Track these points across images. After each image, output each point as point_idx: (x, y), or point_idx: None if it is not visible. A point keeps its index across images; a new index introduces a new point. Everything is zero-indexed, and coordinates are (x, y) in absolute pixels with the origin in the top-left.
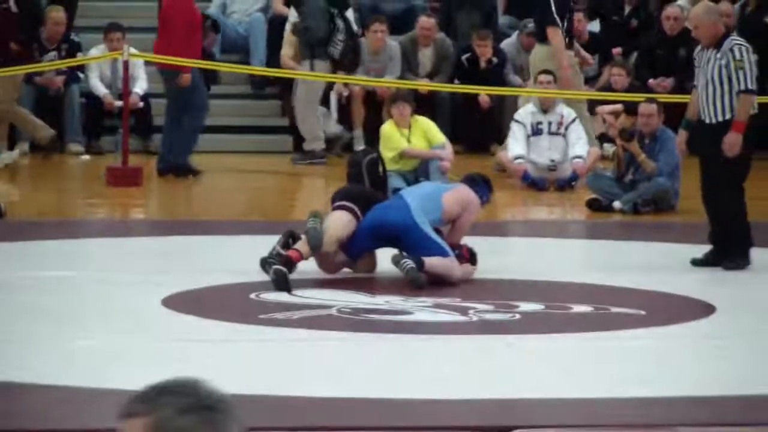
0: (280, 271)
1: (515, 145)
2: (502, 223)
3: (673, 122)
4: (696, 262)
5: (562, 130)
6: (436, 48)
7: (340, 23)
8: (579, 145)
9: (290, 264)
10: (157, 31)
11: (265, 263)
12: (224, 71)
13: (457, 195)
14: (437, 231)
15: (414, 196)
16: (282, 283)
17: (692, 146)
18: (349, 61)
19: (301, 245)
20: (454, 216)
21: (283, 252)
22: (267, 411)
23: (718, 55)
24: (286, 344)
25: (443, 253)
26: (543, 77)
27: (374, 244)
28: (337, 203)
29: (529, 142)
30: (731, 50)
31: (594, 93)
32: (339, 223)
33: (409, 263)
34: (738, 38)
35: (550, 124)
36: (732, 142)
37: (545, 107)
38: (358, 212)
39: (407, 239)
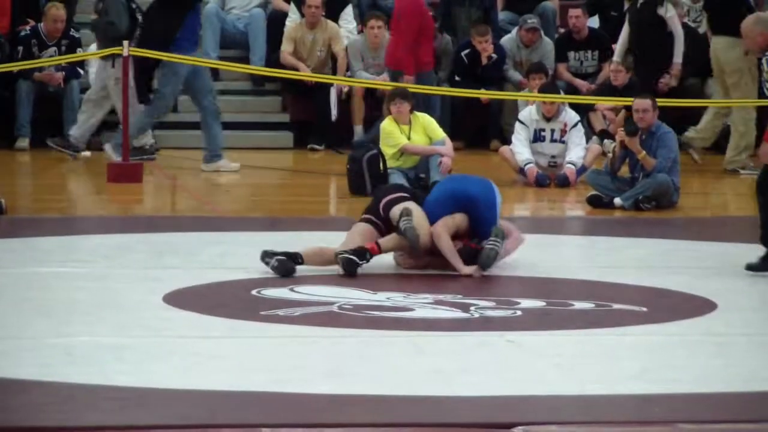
0: (350, 260)
1: (522, 149)
2: (502, 219)
3: (671, 121)
4: (751, 267)
5: (564, 138)
6: (435, 44)
7: (138, 16)
8: (575, 151)
9: (365, 254)
10: None
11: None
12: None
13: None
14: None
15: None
16: (351, 268)
17: None
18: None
19: (387, 241)
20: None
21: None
22: (268, 408)
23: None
24: (287, 341)
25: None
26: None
27: (446, 213)
28: (390, 197)
29: (530, 146)
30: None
31: (590, 97)
32: (424, 213)
33: (495, 248)
34: None
35: (552, 131)
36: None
37: (549, 116)
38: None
39: (483, 216)
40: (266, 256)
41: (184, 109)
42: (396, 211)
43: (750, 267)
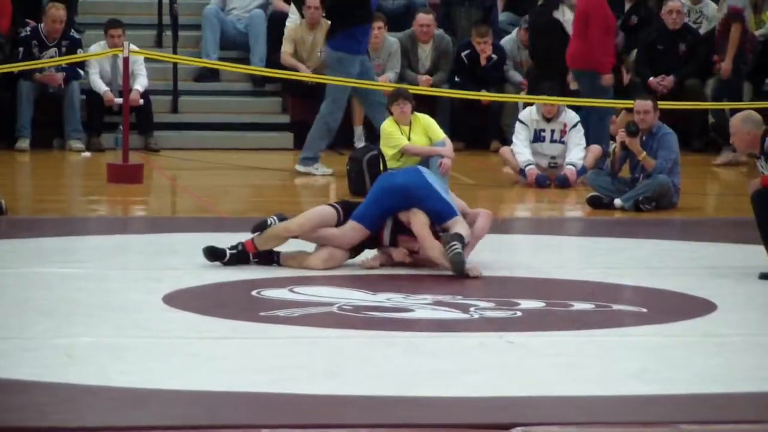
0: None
1: (523, 150)
2: (502, 220)
3: (671, 121)
4: (764, 276)
5: (564, 139)
6: (435, 44)
7: None
8: (575, 152)
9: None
10: (156, 28)
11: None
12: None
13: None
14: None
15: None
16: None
17: None
18: None
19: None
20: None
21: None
22: (268, 408)
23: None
24: (287, 341)
25: (453, 213)
26: None
27: (387, 210)
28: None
29: (530, 146)
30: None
31: (594, 100)
32: (313, 212)
33: (458, 248)
34: None
35: (552, 132)
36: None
37: (549, 117)
38: (339, 210)
39: (422, 199)
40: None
41: (183, 109)
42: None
43: (765, 276)
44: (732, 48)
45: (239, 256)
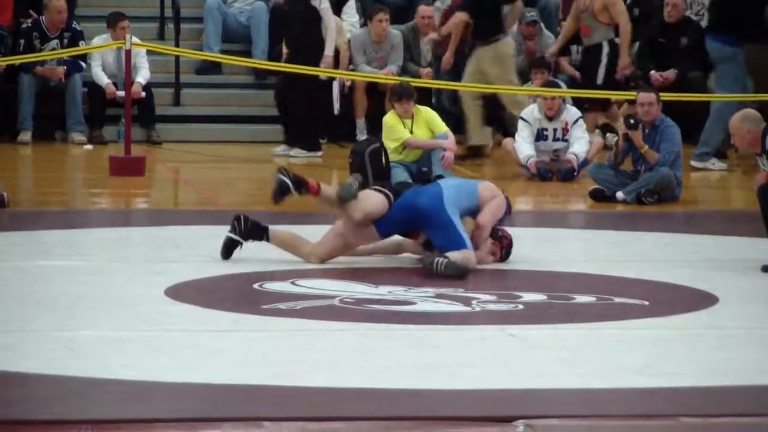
0: (284, 182)
1: (524, 146)
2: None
3: (674, 115)
4: (766, 268)
5: (567, 137)
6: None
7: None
8: (578, 144)
9: (301, 185)
10: (158, 20)
11: (261, 230)
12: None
13: (490, 185)
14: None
15: (449, 185)
16: (279, 193)
17: None
18: None
19: (327, 188)
20: (487, 202)
21: (233, 236)
22: (270, 401)
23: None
24: (288, 334)
25: (462, 246)
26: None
27: (402, 227)
28: (376, 187)
29: (534, 144)
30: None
31: (593, 91)
32: (374, 199)
33: (442, 261)
34: None
35: (555, 131)
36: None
37: (551, 115)
38: (392, 200)
39: (434, 227)
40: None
41: (185, 102)
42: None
43: (766, 269)
44: (454, 38)
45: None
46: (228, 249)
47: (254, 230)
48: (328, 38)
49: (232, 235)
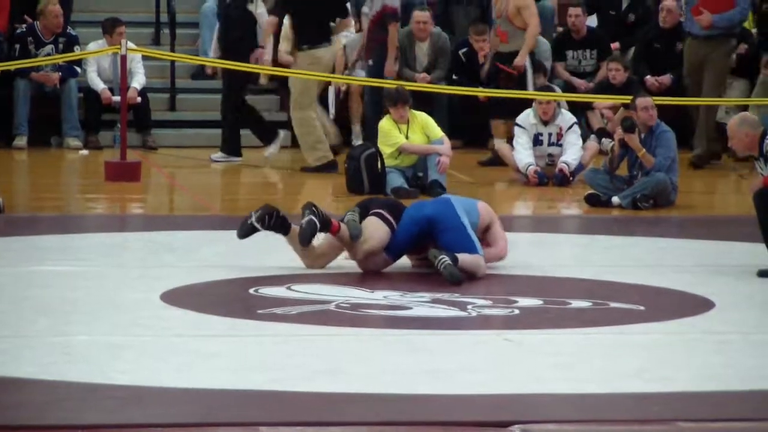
0: (313, 222)
1: (523, 153)
2: (500, 218)
3: (670, 121)
4: (762, 273)
5: (561, 142)
6: (432, 42)
7: None
8: (571, 152)
9: (327, 225)
10: (154, 26)
11: (285, 226)
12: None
13: (488, 206)
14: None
15: (454, 198)
16: (307, 237)
17: None
18: None
19: (343, 230)
20: (486, 223)
21: (258, 226)
22: (266, 406)
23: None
24: (285, 339)
25: (474, 250)
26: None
27: (413, 241)
28: (379, 212)
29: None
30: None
31: (588, 95)
32: (379, 228)
33: (446, 260)
34: None
35: (550, 135)
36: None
37: (546, 119)
38: (394, 224)
39: (445, 231)
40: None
41: (181, 107)
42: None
43: (763, 274)
44: (391, 47)
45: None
46: (246, 233)
47: (279, 225)
48: (266, 40)
49: (257, 225)
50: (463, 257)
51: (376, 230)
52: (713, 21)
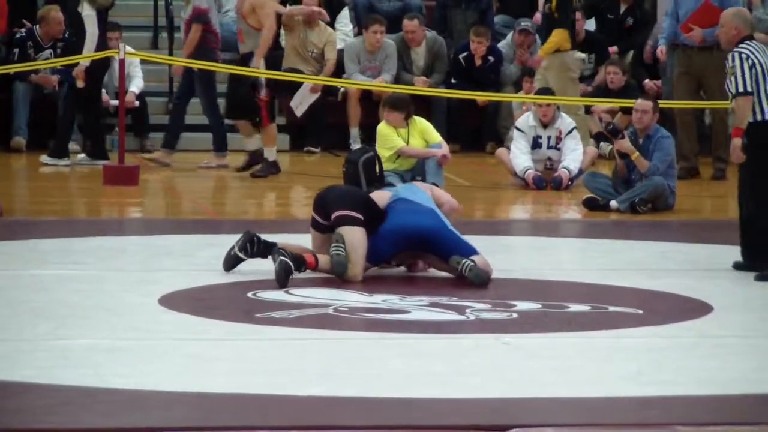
0: (287, 264)
1: (521, 157)
2: (498, 221)
3: (667, 123)
4: (738, 266)
5: (560, 145)
6: (428, 47)
7: None
8: (571, 157)
9: (301, 263)
10: (152, 30)
11: (268, 250)
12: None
13: (422, 183)
14: None
15: (425, 199)
16: (283, 279)
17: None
18: None
19: (323, 262)
20: (434, 197)
21: (242, 255)
22: (264, 410)
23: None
24: (282, 343)
25: (475, 251)
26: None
27: (396, 249)
28: (343, 213)
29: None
30: (729, 56)
31: (586, 99)
32: (361, 243)
33: (469, 262)
34: (744, 44)
35: (549, 138)
36: (731, 147)
37: (545, 122)
38: (362, 218)
39: (440, 242)
40: (270, 251)
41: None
42: (334, 236)
43: (760, 278)
44: (188, 48)
45: (286, 264)
46: (233, 264)
47: (263, 250)
48: (85, 47)
49: (240, 254)
50: (477, 259)
51: (355, 250)
52: (704, 36)
